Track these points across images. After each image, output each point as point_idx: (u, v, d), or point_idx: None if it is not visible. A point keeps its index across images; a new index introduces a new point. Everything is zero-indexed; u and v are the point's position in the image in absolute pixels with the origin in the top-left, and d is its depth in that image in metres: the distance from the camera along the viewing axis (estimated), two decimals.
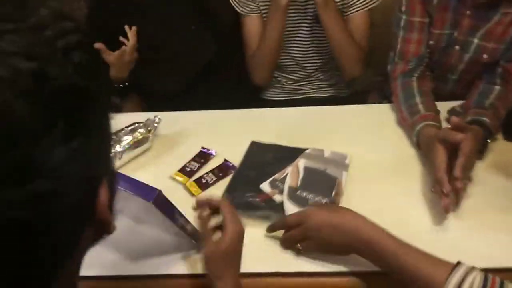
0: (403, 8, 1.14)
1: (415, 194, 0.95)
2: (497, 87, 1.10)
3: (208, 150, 1.10)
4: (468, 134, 0.89)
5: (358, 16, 1.35)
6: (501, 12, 1.05)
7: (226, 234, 0.72)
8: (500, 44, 1.08)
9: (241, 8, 1.36)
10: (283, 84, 1.54)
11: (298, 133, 1.14)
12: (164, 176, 1.03)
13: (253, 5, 1.36)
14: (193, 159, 1.07)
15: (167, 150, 1.11)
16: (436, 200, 0.89)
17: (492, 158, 1.01)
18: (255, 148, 1.10)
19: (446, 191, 0.84)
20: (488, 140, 1.01)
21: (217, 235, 0.73)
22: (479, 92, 1.11)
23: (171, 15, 1.32)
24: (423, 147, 1.02)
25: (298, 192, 0.95)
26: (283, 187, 0.97)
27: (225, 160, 1.06)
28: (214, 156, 1.08)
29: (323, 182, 0.98)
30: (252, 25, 1.38)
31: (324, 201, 0.93)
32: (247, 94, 1.51)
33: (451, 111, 1.14)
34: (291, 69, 1.49)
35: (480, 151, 0.98)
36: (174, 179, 1.02)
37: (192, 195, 0.98)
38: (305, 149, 1.06)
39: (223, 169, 1.04)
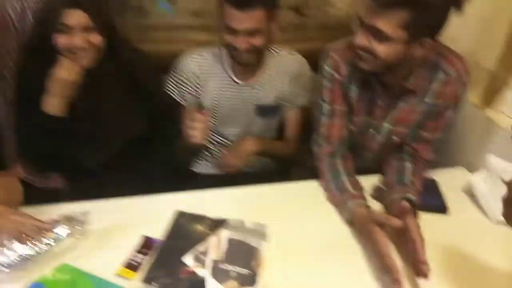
0: (326, 99, 1.28)
1: (339, 267, 1.02)
2: (408, 164, 1.27)
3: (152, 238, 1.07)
4: (410, 216, 1.02)
5: (292, 112, 1.50)
6: (405, 102, 1.23)
7: None
8: (406, 129, 1.27)
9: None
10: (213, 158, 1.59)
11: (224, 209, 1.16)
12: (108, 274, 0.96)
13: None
14: (138, 251, 1.03)
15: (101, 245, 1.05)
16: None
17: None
18: (180, 218, 1.12)
19: (400, 279, 0.91)
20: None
21: None
22: (395, 170, 1.27)
23: (102, 83, 1.26)
24: (357, 226, 1.12)
25: (220, 265, 0.98)
26: (205, 259, 0.99)
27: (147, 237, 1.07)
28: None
29: (244, 253, 1.03)
30: None
31: (244, 272, 0.97)
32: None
33: (377, 189, 1.27)
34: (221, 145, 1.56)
35: None
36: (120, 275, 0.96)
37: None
38: (222, 220, 1.11)
39: (148, 246, 1.04)
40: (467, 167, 1.43)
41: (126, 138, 1.34)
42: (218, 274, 0.96)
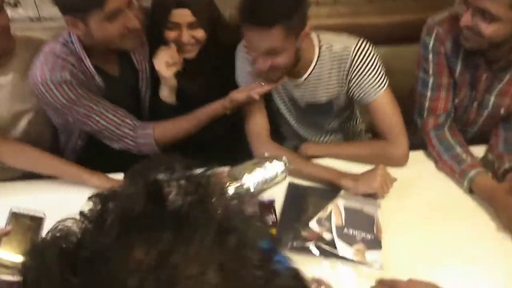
0: (430, 71, 1.28)
1: (454, 232, 1.06)
2: None
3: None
4: None
5: (377, 103, 1.27)
6: (510, 73, 1.23)
7: None
8: None
9: None
10: None
11: None
12: None
13: None
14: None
15: None
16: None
17: None
18: (293, 190, 1.19)
19: None
20: None
21: None
22: (503, 140, 1.28)
23: (205, 70, 1.38)
24: (479, 193, 1.15)
25: (345, 230, 1.04)
26: (329, 225, 1.05)
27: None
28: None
29: (363, 220, 1.08)
30: None
31: (368, 237, 1.03)
32: None
33: (484, 160, 1.27)
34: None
35: None
36: None
37: None
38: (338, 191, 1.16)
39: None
40: None
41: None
42: (345, 237, 1.02)
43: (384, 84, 1.25)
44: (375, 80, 1.23)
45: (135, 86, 1.34)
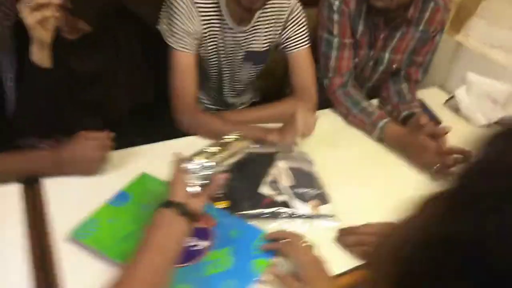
0: (335, 32, 1.35)
1: (381, 177, 1.18)
2: (404, 85, 1.46)
3: None
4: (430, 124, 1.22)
5: (299, 56, 1.33)
6: (401, 31, 1.38)
7: None
8: (403, 55, 1.42)
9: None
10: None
11: None
12: None
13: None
14: None
15: None
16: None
17: None
18: None
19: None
20: None
21: None
22: (395, 92, 1.44)
23: (117, 38, 1.13)
24: (390, 140, 1.28)
25: (295, 190, 1.05)
26: (279, 188, 1.05)
27: None
28: None
29: (306, 177, 1.11)
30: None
31: (315, 192, 1.06)
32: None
33: (384, 109, 1.43)
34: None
35: None
36: None
37: None
38: (274, 152, 1.17)
39: None
40: (440, 86, 1.66)
41: (133, 105, 1.24)
42: (297, 197, 1.04)
43: (308, 40, 1.31)
44: (304, 33, 1.31)
45: None
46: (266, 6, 1.24)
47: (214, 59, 1.32)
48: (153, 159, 1.10)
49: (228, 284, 0.82)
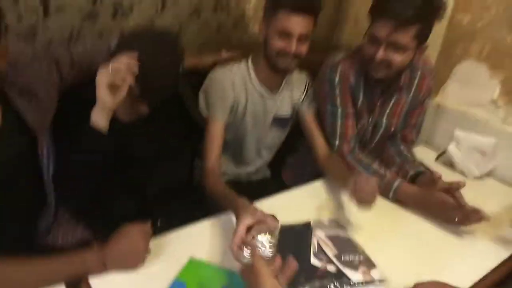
0: (338, 103, 1.46)
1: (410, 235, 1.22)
2: (402, 146, 1.57)
3: None
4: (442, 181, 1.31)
5: (311, 117, 1.53)
6: (395, 98, 1.51)
7: None
8: (399, 118, 1.55)
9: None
10: None
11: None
12: None
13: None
14: None
15: None
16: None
17: None
18: None
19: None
20: None
21: None
22: (396, 153, 1.55)
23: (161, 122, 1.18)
24: (406, 200, 1.34)
25: (343, 257, 1.07)
26: (326, 257, 1.06)
27: None
28: None
29: (346, 244, 1.13)
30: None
31: (361, 258, 1.08)
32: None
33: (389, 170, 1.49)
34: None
35: None
36: None
37: None
38: (308, 223, 1.19)
39: None
40: (426, 144, 1.80)
41: (164, 187, 1.28)
42: (346, 263, 1.05)
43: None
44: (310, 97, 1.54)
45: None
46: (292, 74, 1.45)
47: (243, 121, 1.46)
48: (189, 241, 1.09)
49: None
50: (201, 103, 1.42)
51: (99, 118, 0.99)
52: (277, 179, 1.71)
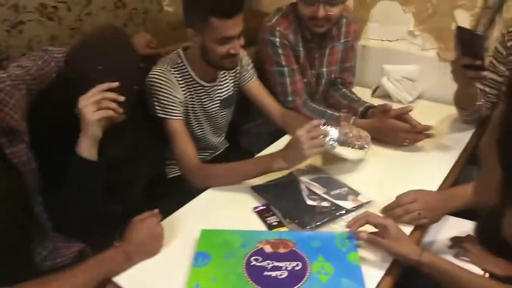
0: (284, 62, 1.56)
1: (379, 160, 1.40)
2: (343, 89, 1.73)
3: None
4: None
5: (255, 84, 1.57)
6: (329, 47, 1.65)
7: None
8: (336, 65, 1.70)
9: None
10: None
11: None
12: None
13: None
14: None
15: None
16: None
17: None
18: (261, 190, 1.23)
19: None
20: None
21: None
22: (341, 97, 1.70)
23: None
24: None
25: (331, 193, 1.20)
26: (318, 196, 1.18)
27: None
28: None
29: (329, 181, 1.26)
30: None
31: (346, 190, 1.22)
32: None
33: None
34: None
35: None
36: None
37: None
38: (291, 173, 1.29)
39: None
40: (358, 84, 1.97)
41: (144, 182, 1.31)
42: (336, 198, 1.18)
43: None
44: (252, 68, 1.58)
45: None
46: None
47: (195, 116, 1.47)
48: (190, 220, 1.15)
49: (347, 283, 0.92)
50: (152, 106, 1.36)
51: (92, 151, 1.01)
52: (237, 147, 1.78)
